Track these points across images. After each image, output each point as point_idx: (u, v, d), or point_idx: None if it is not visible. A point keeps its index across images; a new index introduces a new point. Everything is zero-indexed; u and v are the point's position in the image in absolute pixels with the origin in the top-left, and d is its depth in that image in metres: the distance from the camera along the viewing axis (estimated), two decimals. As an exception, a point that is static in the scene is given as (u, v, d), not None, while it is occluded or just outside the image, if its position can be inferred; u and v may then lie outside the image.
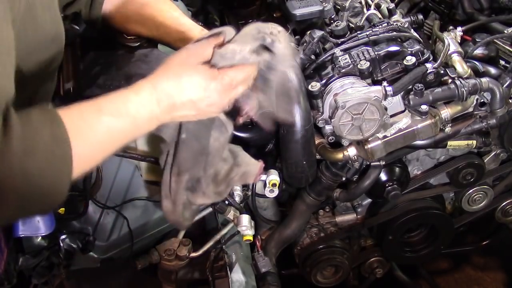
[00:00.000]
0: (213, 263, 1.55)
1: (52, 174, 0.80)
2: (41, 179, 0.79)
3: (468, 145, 1.50)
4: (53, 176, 0.81)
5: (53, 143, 0.79)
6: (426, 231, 1.79)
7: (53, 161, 0.80)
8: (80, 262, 1.69)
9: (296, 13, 1.43)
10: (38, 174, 0.78)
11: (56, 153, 0.80)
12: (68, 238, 1.65)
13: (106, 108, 0.87)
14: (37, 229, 1.29)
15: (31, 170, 0.78)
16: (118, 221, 1.73)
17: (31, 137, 0.78)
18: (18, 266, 1.51)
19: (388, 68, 1.35)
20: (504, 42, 1.53)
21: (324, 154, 1.40)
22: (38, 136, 0.78)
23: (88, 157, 0.86)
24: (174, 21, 1.28)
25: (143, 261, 1.55)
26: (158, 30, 1.29)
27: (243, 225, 1.29)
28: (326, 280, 1.80)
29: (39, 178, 0.79)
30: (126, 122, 0.89)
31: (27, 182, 0.78)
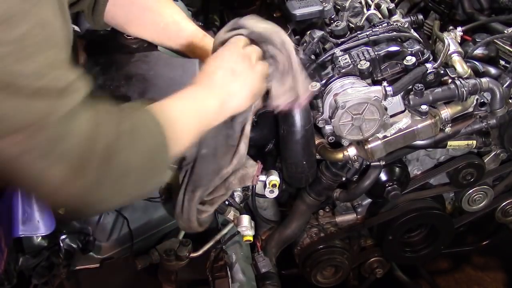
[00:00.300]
0: (213, 263, 1.55)
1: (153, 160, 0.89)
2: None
3: (468, 145, 1.50)
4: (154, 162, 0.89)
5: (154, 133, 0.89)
6: (426, 231, 1.79)
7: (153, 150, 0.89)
8: (80, 262, 1.69)
9: (296, 13, 1.43)
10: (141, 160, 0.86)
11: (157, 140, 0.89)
12: (68, 238, 1.65)
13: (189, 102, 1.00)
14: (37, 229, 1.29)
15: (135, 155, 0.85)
16: (118, 221, 1.73)
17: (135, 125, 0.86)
18: (18, 266, 1.52)
19: (388, 68, 1.35)
20: (504, 42, 1.53)
21: (324, 154, 1.41)
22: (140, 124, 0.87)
23: (182, 147, 0.97)
24: (176, 26, 1.28)
25: (143, 261, 1.55)
26: (159, 34, 1.29)
27: (243, 225, 1.29)
28: (326, 280, 1.80)
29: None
30: (201, 113, 1.02)
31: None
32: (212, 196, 1.22)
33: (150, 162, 0.88)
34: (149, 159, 0.88)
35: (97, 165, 0.78)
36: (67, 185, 0.78)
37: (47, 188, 0.78)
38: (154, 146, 0.89)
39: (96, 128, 0.79)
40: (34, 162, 0.75)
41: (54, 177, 0.76)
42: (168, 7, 1.30)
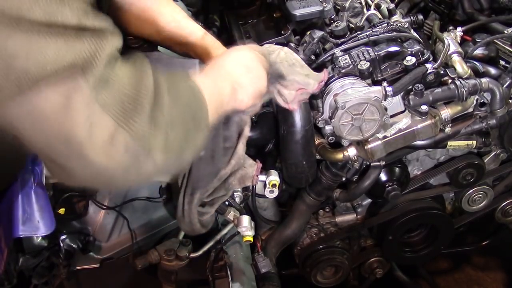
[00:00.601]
0: (213, 263, 1.55)
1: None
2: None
3: (468, 145, 1.50)
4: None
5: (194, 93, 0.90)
6: (426, 231, 1.80)
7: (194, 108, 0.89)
8: (80, 262, 1.69)
9: (296, 13, 1.43)
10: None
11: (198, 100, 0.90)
12: (68, 238, 1.65)
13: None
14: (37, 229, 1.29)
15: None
16: (118, 221, 1.73)
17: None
18: (18, 266, 1.52)
19: (388, 69, 1.35)
20: (504, 42, 1.53)
21: (324, 154, 1.41)
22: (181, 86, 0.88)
23: (212, 116, 0.96)
24: (176, 25, 1.28)
25: (143, 261, 1.55)
26: (159, 34, 1.29)
27: (243, 226, 1.29)
28: (326, 280, 1.80)
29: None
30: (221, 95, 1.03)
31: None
32: (212, 197, 1.22)
33: (192, 117, 0.88)
34: (191, 113, 0.88)
35: (147, 110, 0.75)
36: (120, 130, 0.73)
37: (101, 134, 0.72)
38: (194, 102, 0.89)
39: (142, 73, 0.77)
40: (80, 110, 0.69)
41: (106, 123, 0.71)
42: (168, 7, 1.30)
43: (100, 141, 0.72)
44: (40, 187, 1.23)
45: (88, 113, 0.70)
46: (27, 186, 1.20)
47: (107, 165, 0.75)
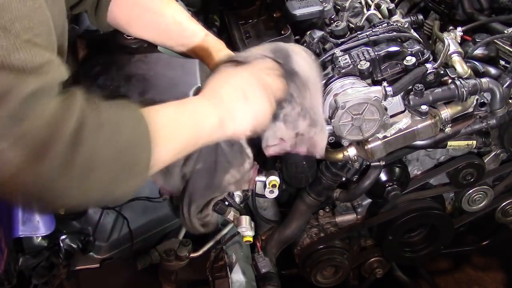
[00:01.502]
0: (213, 263, 1.55)
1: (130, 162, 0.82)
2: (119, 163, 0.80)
3: (468, 145, 1.50)
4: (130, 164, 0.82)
5: (136, 129, 0.82)
6: (426, 231, 1.80)
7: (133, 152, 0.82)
8: (80, 262, 1.69)
9: (296, 13, 1.43)
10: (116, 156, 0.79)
11: (139, 138, 0.82)
12: (68, 238, 1.65)
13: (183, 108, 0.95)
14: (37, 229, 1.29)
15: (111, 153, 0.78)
16: (118, 221, 1.74)
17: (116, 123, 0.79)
18: (18, 266, 1.52)
19: (388, 68, 1.35)
20: (504, 42, 1.53)
21: (324, 154, 1.40)
22: (122, 124, 0.80)
23: (166, 156, 0.90)
24: (177, 27, 1.27)
25: (143, 261, 1.55)
26: (161, 35, 1.28)
27: (243, 226, 1.29)
28: (326, 280, 1.80)
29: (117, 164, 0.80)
30: (193, 120, 0.95)
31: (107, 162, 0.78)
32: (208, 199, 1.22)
33: (124, 160, 0.81)
34: (124, 156, 0.80)
35: (61, 151, 0.72)
36: (26, 170, 0.71)
37: (3, 172, 0.71)
38: (132, 143, 0.81)
39: (65, 112, 0.73)
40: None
41: (11, 160, 0.70)
42: (170, 7, 1.30)
43: (7, 174, 0.71)
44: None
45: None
46: (27, 186, 1.20)
47: (23, 189, 0.74)
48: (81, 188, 0.77)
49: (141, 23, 1.27)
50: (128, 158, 0.81)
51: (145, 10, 1.26)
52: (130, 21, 1.28)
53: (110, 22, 1.27)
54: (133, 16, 1.27)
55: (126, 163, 0.81)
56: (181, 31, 1.28)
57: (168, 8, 1.28)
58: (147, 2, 1.27)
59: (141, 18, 1.26)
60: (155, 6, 1.28)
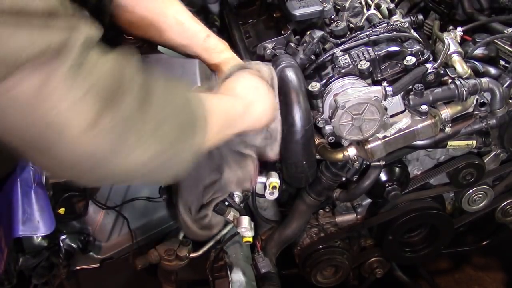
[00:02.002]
0: (213, 263, 1.55)
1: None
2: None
3: (468, 145, 1.50)
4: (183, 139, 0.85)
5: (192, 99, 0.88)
6: (426, 231, 1.80)
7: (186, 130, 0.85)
8: (80, 262, 1.69)
9: (296, 13, 1.43)
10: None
11: (195, 105, 0.88)
12: (68, 238, 1.65)
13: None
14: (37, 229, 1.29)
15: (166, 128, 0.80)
16: (118, 221, 1.74)
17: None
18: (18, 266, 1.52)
19: (388, 68, 1.35)
20: (504, 42, 1.53)
21: (324, 154, 1.40)
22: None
23: (214, 134, 0.96)
24: (179, 27, 1.27)
25: (143, 261, 1.55)
26: (162, 35, 1.28)
27: (243, 226, 1.29)
28: (326, 280, 1.80)
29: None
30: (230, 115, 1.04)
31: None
32: (209, 199, 1.22)
33: (186, 117, 0.85)
34: (186, 113, 0.85)
35: (131, 102, 0.73)
36: (103, 114, 0.70)
37: (72, 127, 0.69)
38: (186, 110, 0.86)
39: (127, 63, 0.75)
40: (57, 95, 0.67)
41: (81, 113, 0.69)
42: (172, 7, 1.30)
43: (83, 122, 0.69)
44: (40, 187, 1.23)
45: (68, 95, 0.68)
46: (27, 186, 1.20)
47: (92, 146, 0.72)
48: (156, 134, 0.78)
49: (143, 24, 1.27)
50: (184, 121, 0.85)
51: (147, 10, 1.26)
52: (131, 21, 1.28)
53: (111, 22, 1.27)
54: (135, 16, 1.27)
55: (183, 125, 0.84)
56: (182, 32, 1.28)
57: (170, 8, 1.28)
58: (149, 3, 1.27)
59: (143, 19, 1.26)
60: (157, 6, 1.27)
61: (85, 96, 0.68)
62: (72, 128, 0.69)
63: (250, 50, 1.56)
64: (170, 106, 0.81)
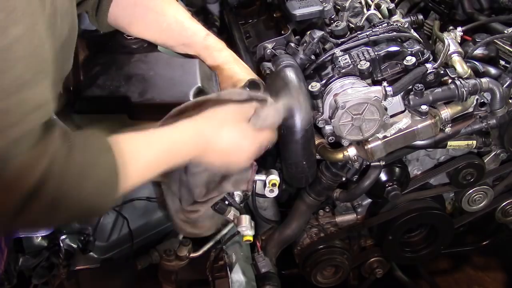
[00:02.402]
0: (213, 263, 1.54)
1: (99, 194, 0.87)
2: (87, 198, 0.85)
3: (468, 145, 1.50)
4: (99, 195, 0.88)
5: (105, 171, 0.86)
6: (426, 231, 1.80)
7: (102, 186, 0.87)
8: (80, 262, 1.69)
9: (296, 13, 1.43)
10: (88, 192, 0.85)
11: (106, 179, 0.87)
12: (68, 238, 1.65)
13: (155, 141, 0.98)
14: (37, 229, 1.29)
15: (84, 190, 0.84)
16: (118, 221, 1.73)
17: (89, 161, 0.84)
18: (18, 266, 1.52)
19: (388, 68, 1.35)
20: (504, 42, 1.53)
21: (324, 154, 1.40)
22: (94, 161, 0.85)
23: (132, 181, 0.93)
24: (178, 26, 1.28)
25: (143, 261, 1.55)
26: (161, 35, 1.29)
27: (243, 225, 1.29)
28: (326, 280, 1.80)
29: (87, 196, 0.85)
30: (168, 155, 1.00)
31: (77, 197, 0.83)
32: (205, 198, 1.21)
33: (89, 203, 0.86)
34: (89, 200, 0.86)
35: (22, 199, 0.77)
36: (15, 219, 0.78)
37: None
38: (98, 188, 0.86)
39: (34, 162, 0.77)
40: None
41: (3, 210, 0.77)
42: (171, 7, 1.30)
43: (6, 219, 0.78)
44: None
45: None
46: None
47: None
48: (46, 221, 0.87)
49: (142, 23, 1.27)
50: (93, 201, 0.87)
51: (147, 10, 1.26)
52: (131, 21, 1.28)
53: (110, 22, 1.27)
54: (134, 16, 1.27)
55: (91, 205, 0.87)
56: (182, 31, 1.28)
57: (169, 8, 1.28)
58: (148, 2, 1.27)
59: (143, 18, 1.26)
60: (157, 6, 1.28)
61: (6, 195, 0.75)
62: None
63: (250, 50, 1.57)
64: (81, 194, 0.83)
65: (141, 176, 0.95)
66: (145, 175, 0.97)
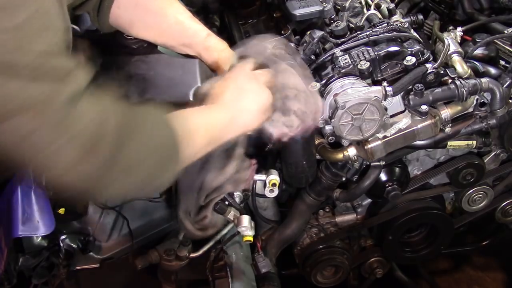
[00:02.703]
0: (213, 263, 1.55)
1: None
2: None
3: (468, 145, 1.50)
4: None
5: (166, 142, 0.92)
6: (426, 231, 1.80)
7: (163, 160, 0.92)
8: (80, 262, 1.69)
9: (296, 13, 1.43)
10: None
11: (167, 149, 0.92)
12: (68, 238, 1.65)
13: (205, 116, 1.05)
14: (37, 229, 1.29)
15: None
16: (118, 221, 1.74)
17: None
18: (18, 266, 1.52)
19: (388, 68, 1.35)
20: (504, 42, 1.53)
21: (324, 154, 1.41)
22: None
23: (190, 154, 0.99)
24: (179, 27, 1.27)
25: (143, 261, 1.55)
26: (162, 35, 1.28)
27: (243, 225, 1.29)
28: (326, 280, 1.80)
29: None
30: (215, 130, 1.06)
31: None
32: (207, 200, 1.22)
33: (159, 157, 0.90)
34: (159, 154, 0.90)
35: (108, 148, 0.81)
36: (77, 166, 0.80)
37: (56, 169, 0.80)
38: (164, 144, 0.91)
39: (105, 114, 0.81)
40: (43, 142, 0.76)
41: (64, 158, 0.78)
42: (172, 7, 1.29)
43: (65, 166, 0.80)
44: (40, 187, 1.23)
45: (53, 143, 0.77)
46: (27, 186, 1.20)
47: (74, 183, 0.83)
48: (123, 182, 0.87)
49: (143, 24, 1.27)
50: (162, 155, 0.91)
51: (147, 10, 1.26)
52: (132, 21, 1.27)
53: (112, 23, 1.27)
54: (135, 16, 1.26)
55: (161, 159, 0.91)
56: (183, 31, 1.27)
57: (170, 8, 1.28)
58: (149, 3, 1.27)
59: (143, 19, 1.26)
60: (157, 6, 1.27)
61: (67, 144, 0.77)
62: (56, 169, 0.80)
63: (250, 50, 1.56)
64: (148, 145, 0.88)
65: (195, 149, 1.00)
66: (200, 150, 1.02)
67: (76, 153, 0.78)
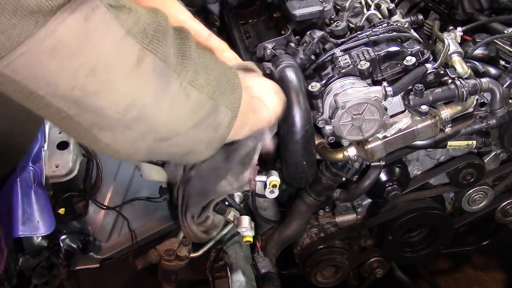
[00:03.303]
0: (213, 263, 1.55)
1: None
2: None
3: (468, 145, 1.50)
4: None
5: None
6: (426, 231, 1.80)
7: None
8: (80, 262, 1.69)
9: (296, 13, 1.43)
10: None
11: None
12: (68, 238, 1.65)
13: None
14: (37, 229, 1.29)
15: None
16: (118, 221, 1.74)
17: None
18: (18, 266, 1.52)
19: (388, 68, 1.35)
20: (504, 42, 1.53)
21: (324, 154, 1.40)
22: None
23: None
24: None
25: (143, 261, 1.55)
26: None
27: (243, 226, 1.29)
28: (326, 280, 1.80)
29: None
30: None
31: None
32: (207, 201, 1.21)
33: (223, 80, 0.89)
34: (223, 76, 0.90)
35: (171, 43, 0.76)
36: (144, 56, 0.72)
37: (122, 63, 0.70)
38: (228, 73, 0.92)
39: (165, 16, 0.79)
40: (102, 33, 0.67)
41: (127, 49, 0.70)
42: (173, 8, 1.29)
43: (127, 63, 0.69)
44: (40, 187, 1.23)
45: (109, 35, 0.67)
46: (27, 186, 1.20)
47: (136, 87, 0.72)
48: (196, 80, 0.82)
49: None
50: (227, 78, 0.91)
51: None
52: None
53: None
54: None
55: (226, 81, 0.90)
56: None
57: (171, 8, 1.28)
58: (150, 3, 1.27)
59: None
60: (158, 6, 1.27)
61: (126, 36, 0.68)
62: (116, 71, 0.69)
63: (250, 50, 1.56)
64: (208, 61, 0.87)
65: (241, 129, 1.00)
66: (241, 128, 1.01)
67: (136, 46, 0.70)
